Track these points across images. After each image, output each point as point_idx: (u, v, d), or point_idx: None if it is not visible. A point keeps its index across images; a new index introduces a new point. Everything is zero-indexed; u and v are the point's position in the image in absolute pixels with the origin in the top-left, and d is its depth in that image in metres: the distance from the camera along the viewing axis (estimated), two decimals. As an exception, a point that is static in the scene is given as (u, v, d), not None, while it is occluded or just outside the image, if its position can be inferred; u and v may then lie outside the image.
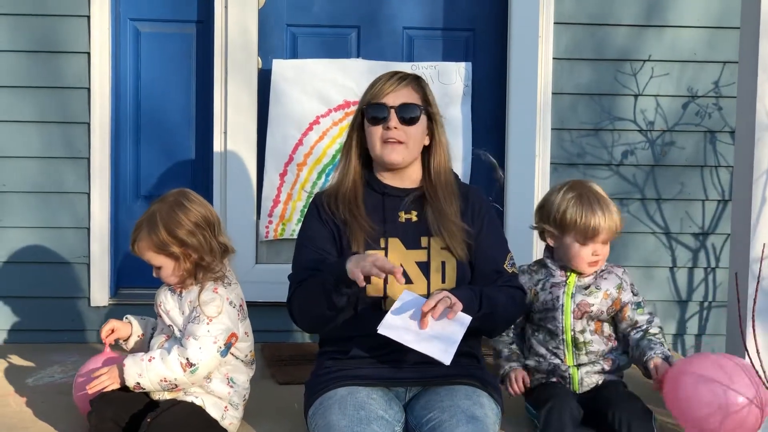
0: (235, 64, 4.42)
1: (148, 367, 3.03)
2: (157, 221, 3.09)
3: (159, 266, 3.13)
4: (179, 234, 3.09)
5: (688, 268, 4.69)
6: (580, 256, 3.29)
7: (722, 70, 4.58)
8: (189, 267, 3.11)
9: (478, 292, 3.03)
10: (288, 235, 4.51)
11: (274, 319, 4.30)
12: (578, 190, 3.31)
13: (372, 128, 3.13)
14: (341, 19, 4.59)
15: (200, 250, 3.10)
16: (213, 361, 3.06)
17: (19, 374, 3.91)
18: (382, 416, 2.91)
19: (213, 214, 3.19)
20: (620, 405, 3.16)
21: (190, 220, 3.11)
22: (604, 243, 3.30)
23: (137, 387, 3.05)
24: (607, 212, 3.27)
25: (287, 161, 4.49)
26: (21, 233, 4.40)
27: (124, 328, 3.28)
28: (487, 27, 4.63)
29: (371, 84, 3.18)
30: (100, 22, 4.35)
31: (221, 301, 3.09)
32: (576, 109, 4.58)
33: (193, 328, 3.06)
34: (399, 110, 3.10)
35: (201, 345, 3.03)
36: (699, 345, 4.73)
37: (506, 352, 3.39)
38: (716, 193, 4.65)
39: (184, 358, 3.02)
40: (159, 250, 3.10)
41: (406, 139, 3.11)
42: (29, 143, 4.38)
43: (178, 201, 3.14)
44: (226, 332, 3.08)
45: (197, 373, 3.04)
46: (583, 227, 3.25)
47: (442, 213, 3.14)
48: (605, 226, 3.26)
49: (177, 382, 3.05)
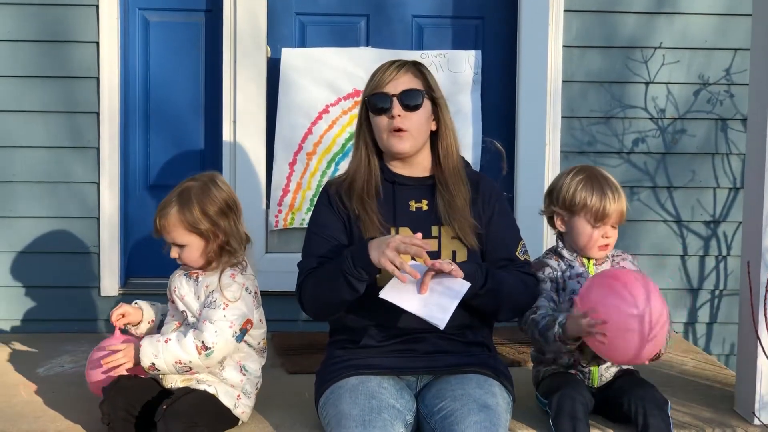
0: (244, 53, 4.41)
1: (164, 348, 3.04)
2: (191, 197, 3.09)
3: (184, 245, 3.11)
4: (211, 212, 3.08)
5: (700, 256, 4.67)
6: (592, 238, 3.27)
7: (734, 57, 4.56)
8: (215, 249, 3.10)
9: (484, 268, 3.02)
10: (297, 225, 4.50)
11: (284, 308, 4.30)
12: (587, 173, 3.31)
13: (377, 119, 3.12)
14: (350, 8, 4.57)
15: (228, 233, 3.10)
16: (228, 346, 3.06)
17: (29, 364, 3.92)
18: (393, 405, 2.90)
19: (238, 201, 3.20)
20: (636, 393, 3.15)
21: (222, 199, 3.11)
22: (613, 226, 3.28)
23: (152, 368, 3.05)
24: (616, 194, 3.26)
25: (296, 150, 4.48)
26: (31, 223, 4.40)
27: (135, 313, 3.27)
28: (497, 15, 4.61)
29: (372, 75, 3.16)
30: (108, 11, 4.35)
31: (239, 286, 3.09)
32: (586, 97, 4.56)
33: (210, 312, 3.06)
34: (401, 97, 3.09)
35: (217, 329, 3.03)
36: (710, 335, 4.72)
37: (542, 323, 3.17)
38: (728, 181, 4.63)
39: (200, 341, 3.02)
40: (190, 228, 3.08)
41: (411, 126, 3.10)
42: (38, 133, 4.37)
43: (212, 179, 3.15)
44: (242, 318, 3.08)
45: (212, 357, 3.04)
46: (593, 208, 3.24)
47: (452, 202, 3.12)
48: (615, 207, 3.25)
49: (191, 365, 3.05)
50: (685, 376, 3.86)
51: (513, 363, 3.88)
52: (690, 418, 3.36)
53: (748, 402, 3.40)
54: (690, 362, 4.04)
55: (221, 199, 3.11)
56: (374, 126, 3.13)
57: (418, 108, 3.10)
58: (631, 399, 3.13)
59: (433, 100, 3.15)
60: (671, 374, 3.86)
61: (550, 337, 3.11)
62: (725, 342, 4.72)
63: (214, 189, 3.11)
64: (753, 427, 3.34)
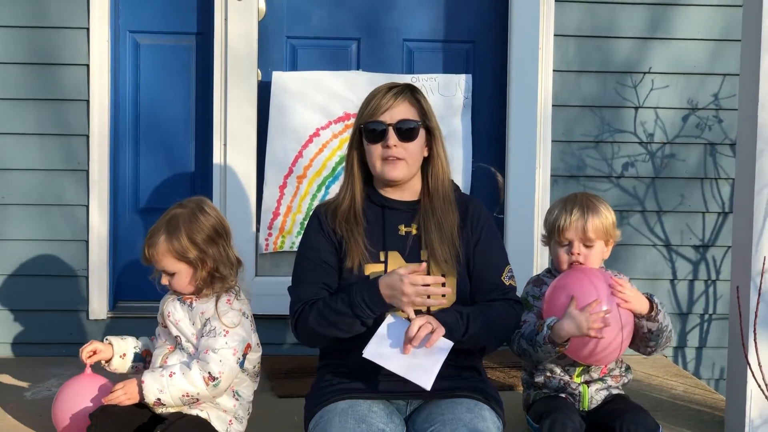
0: (235, 76, 4.41)
1: (169, 382, 3.01)
2: (178, 225, 3.08)
3: (174, 273, 3.10)
4: (199, 240, 3.08)
5: (689, 280, 4.68)
6: (560, 257, 3.31)
7: (722, 82, 4.58)
8: (204, 276, 3.09)
9: (465, 316, 3.01)
10: (288, 248, 4.50)
11: (274, 331, 4.29)
12: (572, 197, 3.36)
13: (371, 147, 3.11)
14: (341, 31, 4.59)
15: (217, 259, 3.10)
16: (233, 373, 3.05)
17: (17, 387, 3.90)
18: (383, 429, 2.89)
19: (227, 225, 3.19)
20: (627, 417, 3.14)
21: (210, 225, 3.10)
22: (587, 245, 3.28)
23: (157, 403, 3.02)
24: (584, 212, 3.28)
25: (287, 173, 4.48)
26: (20, 246, 4.38)
27: (106, 350, 3.23)
28: (488, 39, 4.63)
29: (366, 100, 3.15)
30: (99, 34, 4.35)
31: (236, 312, 3.09)
32: (576, 122, 4.57)
33: (211, 341, 3.04)
34: (397, 128, 3.09)
35: (221, 358, 3.02)
36: (700, 359, 4.72)
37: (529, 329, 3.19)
38: (716, 206, 4.64)
39: (207, 372, 3.01)
40: (178, 256, 3.07)
41: (406, 156, 3.09)
42: (29, 155, 4.37)
43: (199, 206, 3.14)
44: (243, 342, 3.07)
45: (219, 386, 3.03)
46: (556, 224, 3.30)
47: (440, 227, 3.12)
48: (576, 224, 3.26)
49: (199, 396, 3.03)
50: (675, 400, 3.86)
51: (503, 387, 3.87)
52: (681, 442, 3.36)
53: (737, 427, 3.40)
54: (680, 387, 4.04)
55: (209, 226, 3.10)
56: (368, 152, 3.13)
57: (414, 138, 3.10)
58: (623, 424, 3.12)
59: (428, 129, 3.16)
60: (661, 398, 3.86)
61: (539, 340, 3.11)
62: (715, 366, 4.72)
63: (201, 216, 3.10)
64: (743, 452, 3.34)
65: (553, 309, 3.16)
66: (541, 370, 3.33)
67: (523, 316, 3.24)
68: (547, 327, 3.10)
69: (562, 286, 3.19)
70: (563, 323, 3.07)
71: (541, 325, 3.13)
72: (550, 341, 3.09)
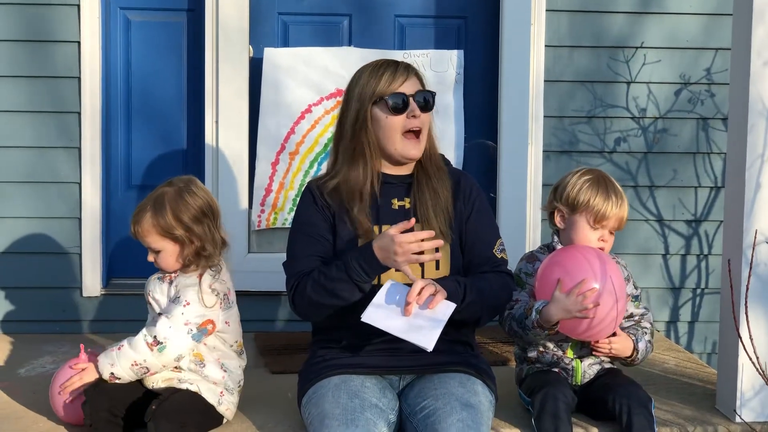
0: (226, 53, 4.40)
1: (118, 355, 3.04)
2: (164, 202, 3.08)
3: (159, 250, 3.11)
4: (185, 218, 3.08)
5: (681, 255, 4.69)
6: (588, 239, 3.27)
7: (714, 57, 4.58)
8: (191, 253, 3.10)
9: (462, 284, 3.02)
10: (280, 225, 4.50)
11: (267, 308, 4.29)
12: (596, 174, 3.32)
13: (392, 119, 3.07)
14: (333, 7, 4.57)
15: (203, 238, 3.10)
16: (183, 343, 3.05)
17: (11, 364, 3.91)
18: (375, 404, 2.90)
19: (216, 206, 3.19)
20: (620, 391, 3.16)
21: (196, 205, 3.10)
22: (611, 232, 3.28)
23: (112, 378, 3.05)
24: (620, 200, 3.26)
25: (279, 150, 4.48)
26: (13, 223, 4.38)
27: None
28: (480, 15, 4.62)
29: (373, 74, 3.10)
30: (90, 10, 4.33)
31: (204, 286, 3.09)
32: (569, 97, 4.57)
33: (169, 307, 3.08)
34: (417, 98, 3.08)
35: (171, 324, 3.03)
36: (692, 333, 4.74)
37: (519, 313, 3.20)
38: (709, 180, 4.65)
39: (151, 337, 3.02)
40: (163, 233, 3.08)
41: (423, 127, 3.10)
42: (21, 132, 4.35)
43: (187, 185, 3.14)
44: (201, 317, 3.07)
45: (165, 352, 3.03)
46: (595, 208, 3.24)
47: (434, 199, 3.12)
48: (616, 212, 3.24)
49: (147, 364, 3.04)
50: (667, 374, 3.88)
51: (496, 361, 3.88)
52: (672, 416, 3.37)
53: (729, 400, 3.41)
54: (672, 360, 4.06)
55: (196, 206, 3.10)
56: (386, 128, 3.08)
57: (431, 109, 3.12)
58: (616, 397, 3.13)
59: None
60: (653, 372, 3.87)
61: (528, 324, 3.12)
62: (707, 340, 4.74)
63: (188, 195, 3.11)
64: (734, 425, 3.35)
65: (545, 287, 3.16)
66: (534, 345, 3.34)
67: (515, 294, 3.25)
68: (536, 311, 3.10)
69: (555, 263, 3.19)
70: (551, 308, 3.07)
71: (530, 308, 3.13)
72: (539, 326, 3.10)
